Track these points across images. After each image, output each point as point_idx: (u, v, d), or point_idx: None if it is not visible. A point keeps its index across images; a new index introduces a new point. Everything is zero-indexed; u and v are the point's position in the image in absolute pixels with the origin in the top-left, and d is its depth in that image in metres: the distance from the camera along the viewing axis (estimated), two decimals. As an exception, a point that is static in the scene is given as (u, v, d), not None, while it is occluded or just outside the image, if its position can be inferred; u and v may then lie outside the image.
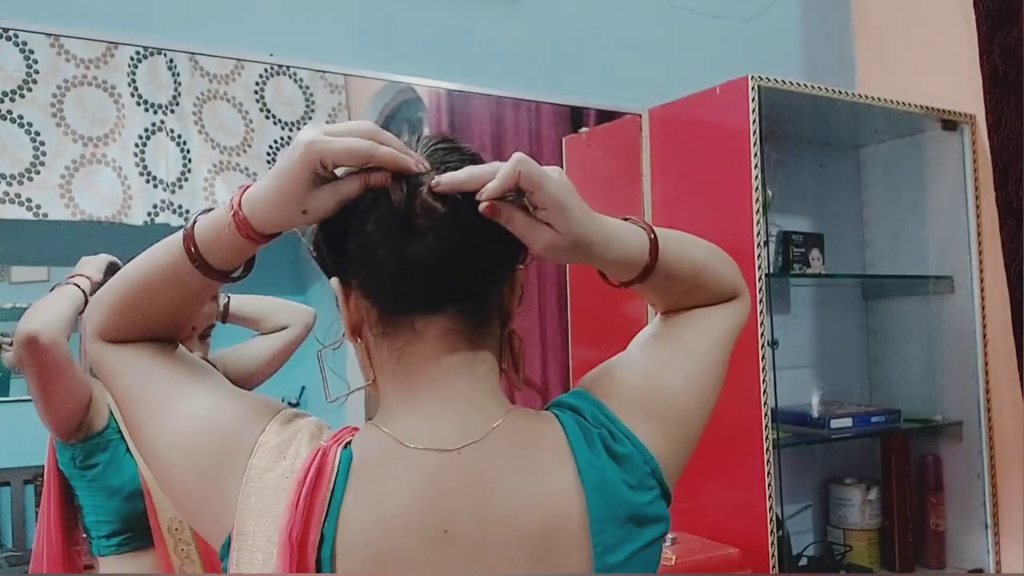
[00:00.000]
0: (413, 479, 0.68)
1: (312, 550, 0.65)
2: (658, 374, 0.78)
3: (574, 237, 0.71)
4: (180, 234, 0.72)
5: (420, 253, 0.68)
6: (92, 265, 1.39)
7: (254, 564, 0.66)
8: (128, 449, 1.37)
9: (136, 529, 1.38)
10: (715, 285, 0.83)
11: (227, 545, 0.68)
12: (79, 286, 1.35)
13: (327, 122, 1.82)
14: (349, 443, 0.70)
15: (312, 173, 0.67)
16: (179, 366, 0.77)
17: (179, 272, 0.72)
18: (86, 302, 1.32)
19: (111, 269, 1.39)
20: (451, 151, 0.73)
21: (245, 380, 1.55)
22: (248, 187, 0.71)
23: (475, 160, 0.73)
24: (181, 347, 0.80)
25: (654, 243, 0.77)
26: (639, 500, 0.71)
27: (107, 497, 1.38)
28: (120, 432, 1.38)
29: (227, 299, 1.55)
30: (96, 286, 1.36)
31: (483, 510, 0.68)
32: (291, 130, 1.80)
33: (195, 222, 0.72)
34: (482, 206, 0.68)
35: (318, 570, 0.64)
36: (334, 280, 0.74)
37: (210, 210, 0.73)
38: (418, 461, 0.68)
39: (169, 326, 0.77)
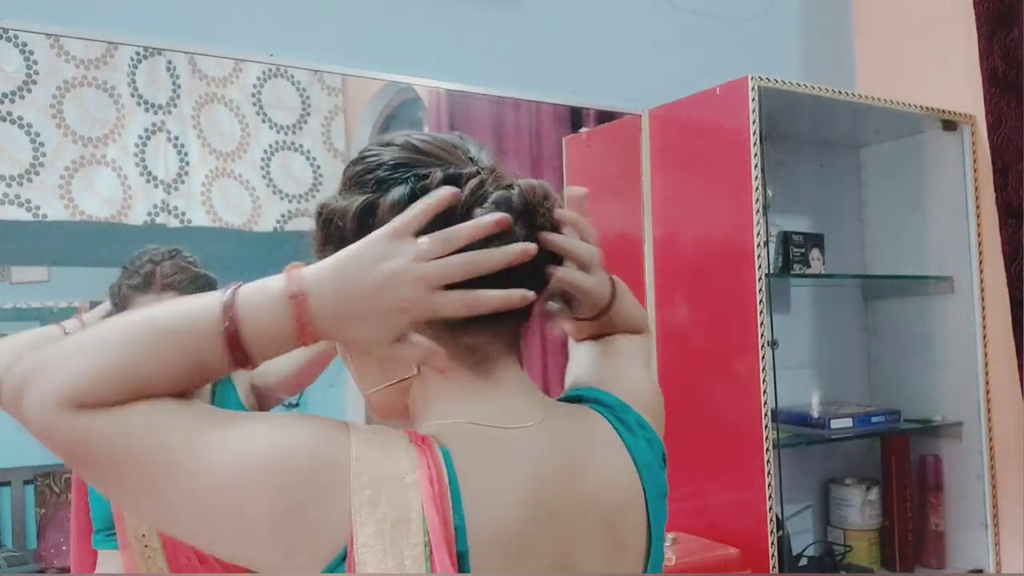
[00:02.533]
0: (515, 463, 0.68)
1: (453, 547, 0.62)
2: (650, 385, 0.86)
3: (616, 313, 0.89)
4: (211, 307, 0.63)
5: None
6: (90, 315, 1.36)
7: (397, 568, 0.61)
8: None
9: (113, 530, 1.39)
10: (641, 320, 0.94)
11: (342, 559, 0.61)
12: (62, 326, 1.32)
13: (322, 125, 1.82)
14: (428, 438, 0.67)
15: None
16: (199, 405, 0.65)
17: (203, 347, 0.63)
18: None
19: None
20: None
21: (272, 390, 1.44)
22: (303, 283, 0.63)
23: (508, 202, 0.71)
24: None
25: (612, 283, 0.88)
26: (664, 480, 0.78)
27: (93, 494, 1.39)
28: None
29: None
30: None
31: (574, 487, 0.70)
32: (286, 134, 1.79)
33: (238, 303, 0.63)
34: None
35: (461, 568, 0.62)
36: None
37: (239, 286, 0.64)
38: (513, 442, 0.69)
39: (176, 391, 0.64)
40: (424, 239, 0.65)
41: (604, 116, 2.18)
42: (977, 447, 2.25)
